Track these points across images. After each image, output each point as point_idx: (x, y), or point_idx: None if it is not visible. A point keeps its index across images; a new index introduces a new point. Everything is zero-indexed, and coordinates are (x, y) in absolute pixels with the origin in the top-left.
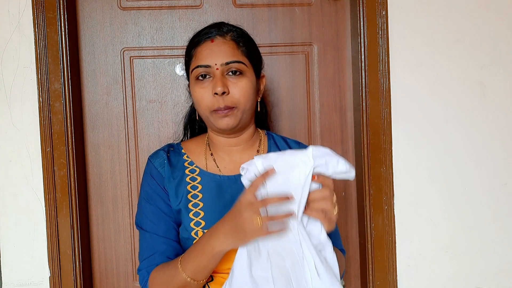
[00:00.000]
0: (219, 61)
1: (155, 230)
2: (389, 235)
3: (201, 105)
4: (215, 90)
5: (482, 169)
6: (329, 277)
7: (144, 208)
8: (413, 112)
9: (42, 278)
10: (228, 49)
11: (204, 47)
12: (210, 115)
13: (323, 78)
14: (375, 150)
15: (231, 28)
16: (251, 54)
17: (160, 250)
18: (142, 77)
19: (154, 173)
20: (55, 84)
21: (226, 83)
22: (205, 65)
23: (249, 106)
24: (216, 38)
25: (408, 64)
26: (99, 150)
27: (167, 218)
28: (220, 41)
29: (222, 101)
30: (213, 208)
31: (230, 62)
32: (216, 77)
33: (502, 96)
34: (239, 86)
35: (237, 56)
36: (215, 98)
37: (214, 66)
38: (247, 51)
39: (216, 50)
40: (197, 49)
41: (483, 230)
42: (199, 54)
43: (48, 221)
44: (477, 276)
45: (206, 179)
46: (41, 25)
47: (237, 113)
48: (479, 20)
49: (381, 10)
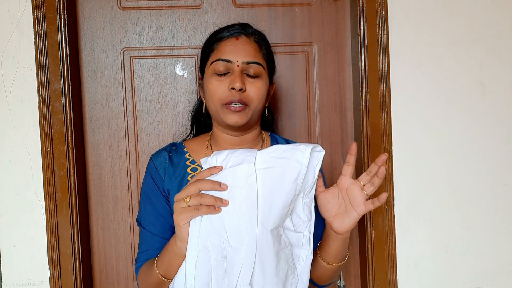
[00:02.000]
0: (241, 58)
1: (151, 229)
2: (389, 235)
3: (214, 97)
4: (233, 85)
5: (482, 169)
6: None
7: (143, 207)
8: (413, 112)
9: (42, 278)
10: (251, 49)
11: (228, 43)
12: (221, 108)
13: (323, 78)
14: (375, 150)
15: (256, 31)
16: (269, 59)
17: (154, 247)
18: (142, 77)
19: (153, 173)
20: (55, 84)
21: (244, 81)
22: (226, 59)
23: (260, 107)
24: (241, 37)
25: (408, 64)
26: (99, 150)
27: (162, 218)
28: (244, 40)
29: (238, 95)
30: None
31: (251, 62)
32: (235, 73)
33: (502, 96)
34: (256, 86)
35: (258, 58)
36: (230, 92)
37: (236, 63)
38: (267, 55)
39: (240, 48)
40: (220, 43)
41: (483, 230)
42: (222, 48)
43: (48, 221)
44: (477, 276)
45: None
46: (41, 25)
47: (248, 112)
48: (479, 20)
49: (381, 10)
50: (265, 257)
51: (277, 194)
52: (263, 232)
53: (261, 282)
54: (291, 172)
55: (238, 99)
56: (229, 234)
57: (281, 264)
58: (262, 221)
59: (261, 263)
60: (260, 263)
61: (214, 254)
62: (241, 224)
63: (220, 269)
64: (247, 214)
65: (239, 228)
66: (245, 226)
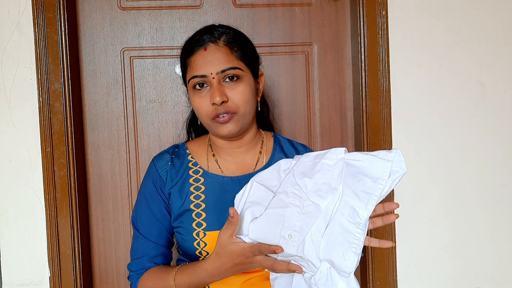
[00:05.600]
0: (214, 69)
1: (147, 235)
2: (389, 235)
3: (201, 114)
4: (213, 101)
5: (482, 169)
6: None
7: (140, 209)
8: (413, 112)
9: (42, 278)
10: (222, 56)
11: (197, 56)
12: (211, 123)
13: (323, 78)
14: (375, 150)
15: (223, 31)
16: (246, 57)
17: (149, 254)
18: (142, 77)
19: (154, 177)
20: (55, 84)
21: (223, 91)
22: (200, 75)
23: (249, 109)
24: (208, 46)
25: (408, 64)
26: (99, 150)
27: (159, 223)
28: (213, 48)
29: (222, 108)
30: (215, 209)
31: (225, 69)
32: (213, 87)
33: (502, 96)
34: (238, 91)
35: (232, 62)
36: (213, 107)
37: (210, 76)
38: (242, 54)
39: (210, 59)
40: (191, 58)
41: (482, 230)
42: (193, 64)
43: (48, 221)
44: (477, 276)
45: (209, 180)
46: (41, 25)
47: (237, 119)
48: (479, 20)
49: (381, 10)
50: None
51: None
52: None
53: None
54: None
55: (224, 111)
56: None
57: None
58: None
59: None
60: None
61: (292, 201)
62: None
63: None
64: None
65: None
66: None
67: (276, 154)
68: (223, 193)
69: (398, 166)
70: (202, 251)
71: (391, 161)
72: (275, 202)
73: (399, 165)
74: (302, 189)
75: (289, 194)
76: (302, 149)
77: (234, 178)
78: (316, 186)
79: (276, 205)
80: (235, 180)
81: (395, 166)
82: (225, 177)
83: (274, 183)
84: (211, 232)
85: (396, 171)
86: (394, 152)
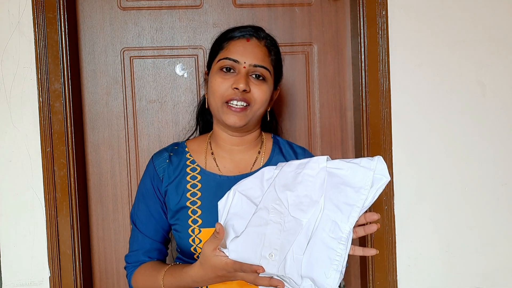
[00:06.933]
0: (249, 60)
1: (144, 230)
2: (389, 235)
3: (216, 94)
4: (236, 85)
5: (482, 169)
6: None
7: (138, 205)
8: (413, 112)
9: (42, 278)
10: (260, 53)
11: (238, 43)
12: (222, 106)
13: (323, 78)
14: (375, 150)
15: (267, 36)
16: (277, 65)
17: (145, 248)
18: (142, 77)
19: (152, 174)
20: (55, 84)
21: (248, 82)
22: (234, 59)
23: (261, 110)
24: (252, 39)
25: (408, 64)
26: (99, 150)
27: (155, 220)
28: (255, 43)
29: (241, 95)
30: (211, 206)
31: (258, 65)
32: (241, 74)
33: (502, 96)
34: (260, 88)
35: (266, 62)
36: (233, 91)
37: (243, 64)
38: (275, 61)
39: (249, 50)
40: (231, 42)
41: (483, 230)
42: (231, 47)
43: (48, 221)
44: (477, 276)
45: (206, 178)
46: (41, 25)
47: (248, 113)
48: (479, 20)
49: (381, 10)
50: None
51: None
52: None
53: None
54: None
55: (241, 98)
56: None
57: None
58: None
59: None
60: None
61: (273, 218)
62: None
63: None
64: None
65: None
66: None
67: (275, 155)
68: (220, 191)
69: (381, 174)
70: (197, 247)
71: (373, 169)
72: (256, 220)
73: (382, 173)
74: (283, 203)
75: (270, 210)
76: (301, 152)
77: (231, 177)
78: (297, 200)
79: (257, 223)
80: (231, 179)
81: (378, 173)
82: (222, 176)
83: (257, 193)
84: (206, 229)
85: (379, 179)
86: (376, 159)
